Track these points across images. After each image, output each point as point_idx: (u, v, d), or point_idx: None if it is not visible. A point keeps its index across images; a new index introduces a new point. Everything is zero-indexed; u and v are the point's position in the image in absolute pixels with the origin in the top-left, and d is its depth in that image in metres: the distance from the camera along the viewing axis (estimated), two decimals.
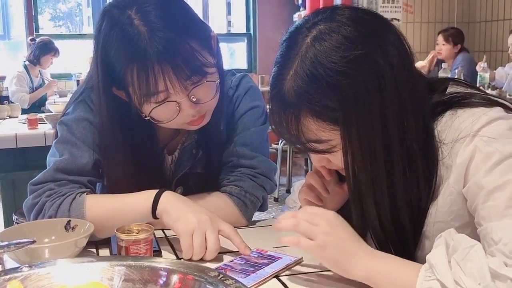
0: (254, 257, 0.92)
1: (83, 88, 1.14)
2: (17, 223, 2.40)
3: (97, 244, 1.02)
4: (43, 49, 4.58)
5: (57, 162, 1.06)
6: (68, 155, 1.06)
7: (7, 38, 6.02)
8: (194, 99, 1.00)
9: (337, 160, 0.84)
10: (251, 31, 6.02)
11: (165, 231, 1.08)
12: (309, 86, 0.78)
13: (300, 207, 1.10)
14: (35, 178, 1.06)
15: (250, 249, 0.93)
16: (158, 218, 0.97)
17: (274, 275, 0.86)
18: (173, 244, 1.02)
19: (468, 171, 0.78)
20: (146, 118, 1.03)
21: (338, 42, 0.78)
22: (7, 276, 0.71)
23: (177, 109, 1.00)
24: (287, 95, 0.80)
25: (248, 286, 0.70)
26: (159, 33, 0.94)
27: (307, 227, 0.81)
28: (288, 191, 4.16)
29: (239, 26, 6.25)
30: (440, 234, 0.75)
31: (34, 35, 5.15)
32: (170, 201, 0.97)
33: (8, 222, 2.70)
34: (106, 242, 1.03)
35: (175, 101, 0.99)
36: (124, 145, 1.08)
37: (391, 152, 0.80)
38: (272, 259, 0.91)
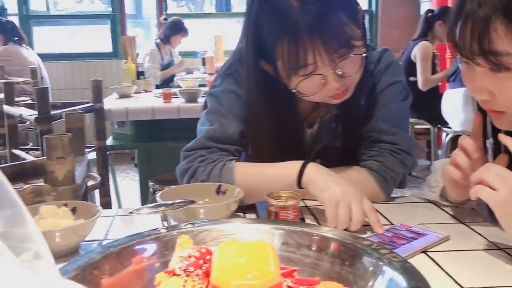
0: (400, 231, 0.92)
1: (231, 61, 1.20)
2: (153, 190, 2.60)
3: (243, 209, 1.07)
4: (173, 29, 4.84)
5: (207, 130, 1.13)
6: (217, 125, 1.13)
7: (139, 17, 6.43)
8: (340, 73, 1.01)
9: (506, 94, 0.79)
10: (373, 8, 5.86)
11: (305, 201, 1.11)
12: None
13: (443, 187, 1.08)
14: (187, 145, 1.14)
15: (383, 229, 0.93)
16: (303, 188, 1.00)
17: (422, 250, 0.85)
18: (314, 213, 1.05)
19: None
20: (292, 91, 1.06)
21: None
22: (175, 231, 0.78)
23: (322, 82, 1.02)
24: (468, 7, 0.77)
25: (403, 256, 0.70)
26: (310, 6, 0.96)
27: (495, 177, 0.78)
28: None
29: (361, 2, 6.10)
30: None
31: (164, 15, 5.45)
32: (316, 172, 0.99)
33: (143, 189, 2.94)
34: (251, 208, 1.08)
35: (322, 74, 1.00)
36: (268, 116, 1.13)
37: None
38: (418, 234, 0.90)
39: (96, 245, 0.89)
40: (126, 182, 4.50)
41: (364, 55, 1.03)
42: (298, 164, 1.02)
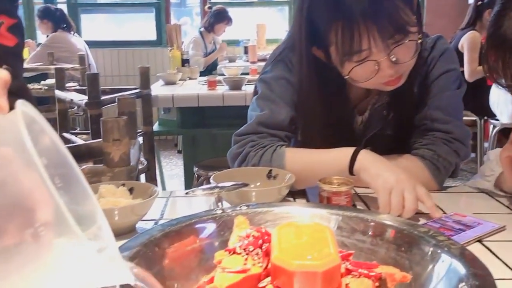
0: (454, 220, 0.91)
1: (282, 48, 1.20)
2: (197, 175, 2.64)
3: (292, 194, 1.08)
4: (218, 18, 4.87)
5: (258, 116, 1.14)
6: (268, 111, 1.14)
7: (183, 5, 6.49)
8: (394, 59, 1.00)
9: None
10: None
11: (355, 188, 1.11)
12: None
13: (498, 176, 1.06)
14: (239, 130, 1.16)
15: (440, 214, 0.92)
16: (354, 175, 1.00)
17: (477, 239, 0.84)
18: (365, 201, 1.05)
19: None
20: (344, 77, 1.05)
21: None
22: (232, 212, 0.79)
23: (375, 69, 1.01)
24: (507, 32, 0.77)
25: (465, 242, 0.70)
26: None
27: None
28: None
29: None
30: None
31: (208, 3, 5.48)
32: (369, 158, 0.99)
33: (188, 174, 2.99)
34: (300, 193, 1.09)
35: (376, 60, 1.00)
36: (319, 103, 1.13)
37: None
38: (473, 223, 0.89)
39: (152, 224, 0.91)
40: (169, 168, 4.58)
41: (419, 41, 1.02)
42: (350, 150, 1.02)
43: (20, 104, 0.49)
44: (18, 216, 0.48)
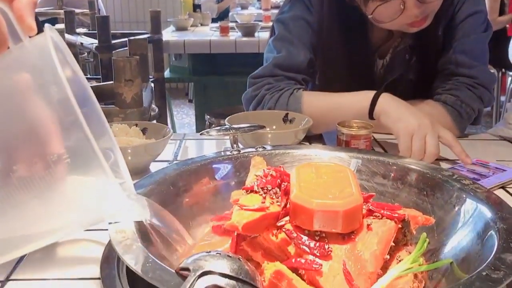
0: (476, 166, 0.88)
1: None
2: (209, 123, 2.61)
3: (308, 139, 1.05)
4: None
5: (275, 58, 1.10)
6: (285, 52, 1.10)
7: None
8: None
9: None
10: None
11: (373, 134, 1.08)
12: None
13: None
14: (254, 72, 1.12)
15: (471, 160, 0.89)
16: (374, 119, 0.97)
17: (500, 185, 0.82)
18: (384, 146, 1.02)
19: None
20: (368, 17, 1.00)
21: None
22: (248, 153, 0.77)
23: (401, 8, 0.96)
24: None
25: (488, 187, 0.67)
26: None
27: None
28: None
29: None
30: None
31: None
32: (390, 102, 0.95)
33: (200, 122, 2.97)
34: (317, 138, 1.06)
35: None
36: (339, 45, 1.09)
37: None
38: (496, 170, 0.86)
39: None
40: (180, 117, 4.56)
41: None
42: (370, 93, 0.98)
43: (48, 29, 0.46)
44: (32, 146, 0.46)
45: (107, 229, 0.53)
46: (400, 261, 0.55)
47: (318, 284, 0.50)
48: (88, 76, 4.05)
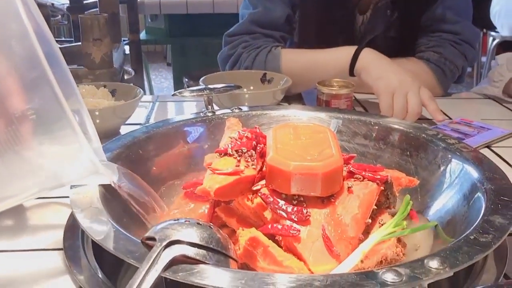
0: (461, 125, 0.85)
1: None
2: (187, 86, 2.55)
3: (288, 99, 1.01)
4: None
5: (251, 14, 1.05)
6: (261, 8, 1.04)
7: None
8: None
9: None
10: None
11: (354, 93, 1.04)
12: None
13: (507, 82, 0.99)
14: (230, 30, 1.07)
15: (444, 117, 0.86)
16: (355, 76, 0.93)
17: (485, 144, 0.79)
18: (365, 106, 0.99)
19: None
20: None
21: None
22: (223, 115, 0.73)
23: None
24: None
25: (474, 146, 0.64)
26: None
27: None
28: None
29: None
30: None
31: None
32: (371, 58, 0.91)
33: (178, 85, 2.90)
34: (296, 98, 1.03)
35: None
36: None
37: None
38: (481, 129, 0.84)
39: None
40: (159, 81, 4.47)
41: None
42: (351, 49, 0.93)
43: None
44: None
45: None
46: (382, 225, 0.52)
47: (295, 251, 0.47)
48: (63, 38, 3.93)
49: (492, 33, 3.92)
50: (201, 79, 0.91)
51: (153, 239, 0.41)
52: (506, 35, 3.69)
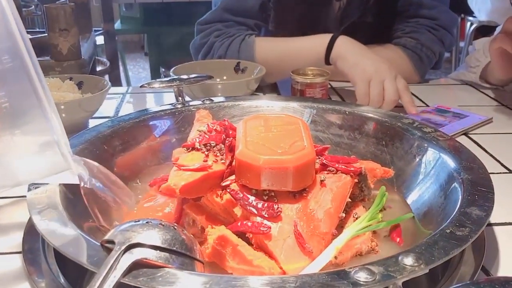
0: (438, 112, 0.84)
1: None
2: (164, 76, 2.51)
3: (262, 89, 0.99)
4: None
5: (224, 1, 1.02)
6: None
7: None
8: None
9: None
10: None
11: (330, 82, 1.02)
12: None
13: (484, 67, 0.98)
14: (202, 18, 1.04)
15: (417, 110, 0.84)
16: (330, 64, 0.91)
17: (463, 131, 0.78)
18: (341, 94, 0.97)
19: None
20: None
21: None
22: (193, 107, 0.70)
23: None
24: None
25: (450, 134, 0.63)
26: None
27: None
28: None
29: None
30: None
31: None
32: (347, 46, 0.89)
33: (155, 76, 2.85)
34: (271, 88, 1.00)
35: None
36: None
37: None
38: (458, 116, 0.82)
39: None
40: (137, 71, 4.40)
41: None
42: (326, 37, 0.91)
43: None
44: None
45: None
46: (356, 218, 0.50)
47: (266, 249, 0.45)
48: (37, 29, 3.83)
49: (470, 18, 3.93)
50: (171, 69, 0.88)
51: (112, 242, 0.38)
52: (483, 20, 3.70)
